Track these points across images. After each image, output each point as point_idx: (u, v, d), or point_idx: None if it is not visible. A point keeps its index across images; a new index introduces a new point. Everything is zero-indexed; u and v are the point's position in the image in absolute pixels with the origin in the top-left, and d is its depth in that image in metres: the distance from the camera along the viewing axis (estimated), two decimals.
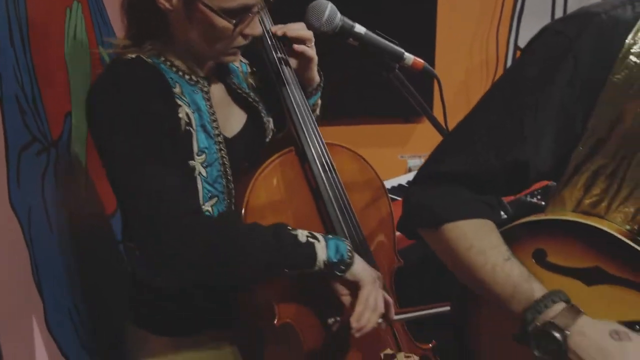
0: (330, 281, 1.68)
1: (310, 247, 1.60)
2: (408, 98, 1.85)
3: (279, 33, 1.82)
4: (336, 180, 1.79)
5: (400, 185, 2.94)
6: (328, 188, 1.77)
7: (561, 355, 1.18)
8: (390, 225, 1.95)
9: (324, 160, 1.78)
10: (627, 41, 1.21)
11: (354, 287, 1.67)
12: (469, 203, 1.33)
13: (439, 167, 1.37)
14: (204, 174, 1.65)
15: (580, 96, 1.23)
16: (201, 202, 1.65)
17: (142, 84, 1.56)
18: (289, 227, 1.61)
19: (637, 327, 1.20)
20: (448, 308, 1.64)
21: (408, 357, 1.84)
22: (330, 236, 1.65)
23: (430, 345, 1.99)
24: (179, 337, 1.78)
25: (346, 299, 1.68)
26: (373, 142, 2.00)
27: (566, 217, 1.30)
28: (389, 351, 1.87)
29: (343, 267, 1.64)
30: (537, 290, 1.22)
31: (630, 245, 1.21)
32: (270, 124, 1.88)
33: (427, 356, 1.96)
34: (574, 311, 1.19)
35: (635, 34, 1.21)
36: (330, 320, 1.73)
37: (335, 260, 1.62)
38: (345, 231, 1.78)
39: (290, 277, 1.62)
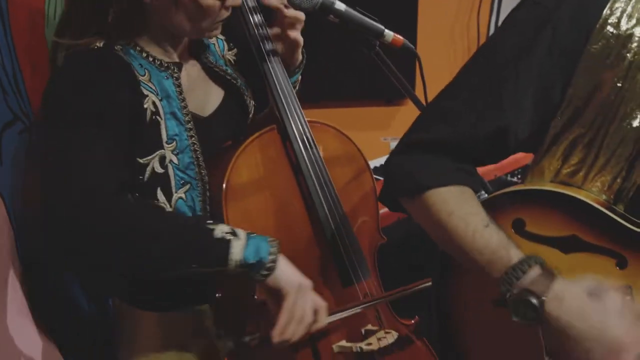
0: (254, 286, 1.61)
1: (223, 245, 1.51)
2: (390, 77, 1.87)
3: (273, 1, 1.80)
4: (317, 156, 1.81)
5: (382, 166, 2.95)
6: (308, 164, 1.78)
7: (540, 320, 1.20)
8: (373, 201, 1.97)
9: (305, 136, 1.79)
10: (604, 12, 1.24)
11: (278, 296, 1.59)
12: (450, 171, 1.34)
13: (420, 135, 1.38)
14: (175, 161, 1.66)
15: (558, 66, 1.26)
16: (173, 190, 1.65)
17: (101, 76, 1.55)
18: (209, 222, 1.55)
19: None
20: (430, 284, 1.65)
21: (388, 332, 1.86)
22: (254, 235, 1.56)
23: (413, 321, 2.01)
24: (166, 312, 1.79)
25: (271, 307, 1.60)
26: (355, 125, 2.01)
27: (544, 187, 1.32)
28: (370, 327, 1.89)
29: (264, 272, 1.55)
30: (514, 256, 1.23)
31: (606, 214, 1.24)
32: (250, 100, 1.89)
33: (407, 334, 1.97)
34: (549, 276, 1.20)
35: (612, 4, 1.23)
36: (247, 339, 1.64)
37: (252, 262, 1.53)
38: (325, 207, 1.79)
39: (209, 274, 1.56)
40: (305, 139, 1.79)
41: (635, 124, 1.22)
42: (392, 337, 1.85)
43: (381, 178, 1.54)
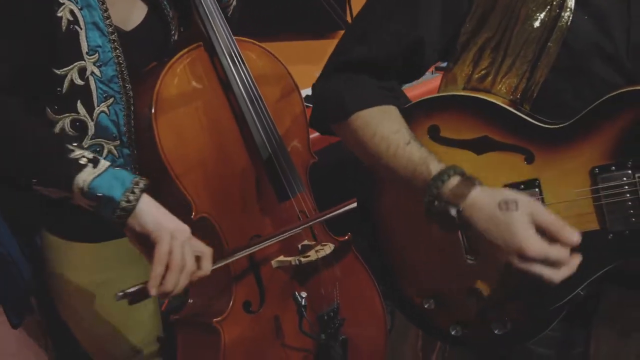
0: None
1: (73, 166, 1.42)
2: (325, 5, 1.87)
3: None
4: (246, 73, 1.80)
5: None
6: (238, 81, 1.78)
7: (459, 227, 1.25)
8: (303, 120, 1.99)
9: (233, 53, 1.78)
10: None
11: (148, 241, 1.46)
12: (373, 91, 1.37)
13: (341, 58, 1.40)
14: (98, 73, 1.62)
15: None
16: (95, 103, 1.63)
17: None
18: (75, 144, 1.48)
19: (522, 186, 1.28)
20: (355, 204, 1.66)
21: (324, 245, 1.90)
22: (120, 171, 1.47)
23: (347, 237, 2.06)
24: (96, 242, 1.77)
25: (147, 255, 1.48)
26: (288, 59, 1.99)
27: (456, 93, 1.36)
28: (306, 242, 1.93)
29: (118, 212, 1.43)
30: (434, 169, 1.26)
31: (514, 113, 1.29)
32: (173, 16, 1.85)
33: (343, 247, 2.02)
34: (467, 184, 1.24)
35: None
36: (119, 294, 1.48)
37: (98, 194, 1.41)
38: (257, 123, 1.80)
39: (52, 194, 1.48)
40: (234, 55, 1.78)
41: (536, 24, 1.26)
42: (330, 248, 1.89)
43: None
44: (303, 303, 1.80)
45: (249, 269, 1.85)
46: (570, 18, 1.23)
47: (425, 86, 2.72)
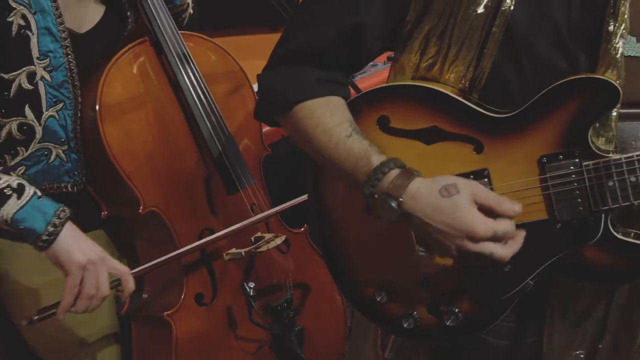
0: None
1: None
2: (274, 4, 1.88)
3: None
4: (193, 68, 1.80)
5: None
6: (185, 76, 1.78)
7: (401, 219, 1.23)
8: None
9: (179, 48, 1.78)
10: None
11: (62, 271, 1.54)
12: (316, 82, 1.34)
13: (285, 48, 1.38)
14: (48, 78, 1.61)
15: None
16: (44, 108, 1.62)
17: None
18: (1, 169, 1.51)
19: (471, 176, 1.27)
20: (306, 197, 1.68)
21: (276, 236, 1.91)
22: (44, 201, 1.51)
23: (302, 229, 2.07)
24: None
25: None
26: (240, 54, 1.99)
27: (405, 82, 1.35)
28: (259, 234, 1.93)
29: (40, 243, 1.50)
30: (375, 161, 1.24)
31: (462, 102, 1.27)
32: (131, 15, 1.85)
33: (296, 238, 2.04)
34: (406, 176, 1.22)
35: None
36: (23, 322, 1.60)
37: (21, 227, 1.47)
38: (205, 117, 1.80)
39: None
40: (180, 51, 1.78)
41: (479, 10, 1.24)
42: (281, 239, 1.89)
43: None
44: (251, 293, 1.81)
45: (201, 262, 1.85)
46: (513, 2, 1.23)
47: (379, 76, 2.71)
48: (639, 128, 1.26)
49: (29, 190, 1.50)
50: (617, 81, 1.19)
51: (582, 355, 1.37)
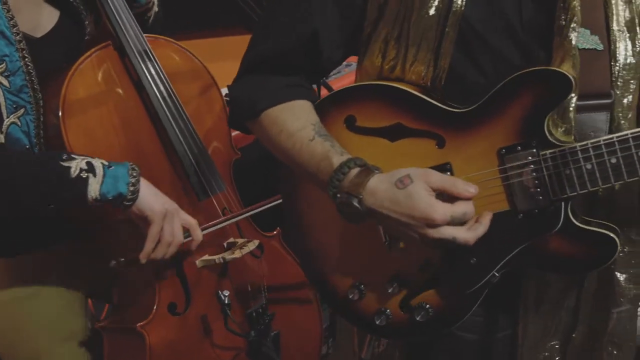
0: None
1: (79, 183, 1.54)
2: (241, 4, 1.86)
3: None
4: (159, 71, 1.77)
5: None
6: (150, 80, 1.75)
7: (364, 215, 1.26)
8: (224, 117, 1.96)
9: (143, 51, 1.75)
10: None
11: (145, 222, 1.66)
12: (279, 88, 1.38)
13: (248, 57, 1.42)
14: (6, 84, 1.58)
15: None
16: (4, 115, 1.58)
17: None
18: (64, 157, 1.56)
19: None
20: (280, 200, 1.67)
21: (250, 241, 1.88)
22: (112, 167, 1.59)
23: (275, 232, 2.05)
24: (11, 256, 1.73)
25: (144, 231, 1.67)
26: (215, 57, 1.97)
27: (370, 82, 1.37)
28: (232, 239, 1.92)
29: (126, 203, 1.61)
30: (336, 162, 1.28)
31: (424, 99, 1.30)
32: (89, 21, 1.80)
33: (270, 242, 2.02)
34: (365, 173, 1.25)
35: None
36: (112, 263, 1.72)
37: (110, 197, 1.58)
38: (172, 122, 1.77)
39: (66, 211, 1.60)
40: (144, 54, 1.75)
41: (431, 12, 1.27)
42: (254, 244, 1.87)
43: None
44: (226, 301, 1.79)
45: (173, 270, 1.82)
46: (464, 2, 1.25)
47: (353, 76, 2.71)
48: (597, 119, 1.28)
49: (97, 163, 1.58)
50: (573, 73, 1.20)
51: (557, 346, 1.38)
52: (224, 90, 1.95)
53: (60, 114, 1.63)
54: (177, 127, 1.78)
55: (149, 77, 1.75)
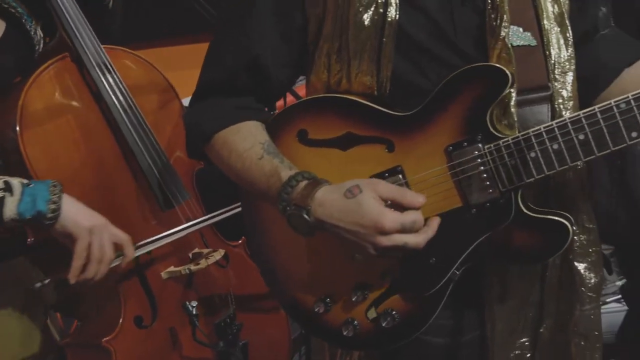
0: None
1: None
2: (198, 8, 1.85)
3: None
4: (118, 82, 1.75)
5: None
6: (110, 91, 1.73)
7: (314, 227, 1.27)
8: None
9: (101, 62, 1.73)
10: None
11: (71, 240, 1.59)
12: (227, 111, 1.39)
13: (199, 83, 1.44)
14: None
15: None
16: None
17: None
18: None
19: (386, 175, 1.31)
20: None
21: (215, 251, 1.87)
22: (32, 185, 1.53)
23: (240, 241, 2.04)
24: None
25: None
26: (182, 64, 1.95)
27: (318, 96, 1.39)
28: (197, 250, 1.90)
29: (47, 221, 1.54)
30: (284, 176, 1.29)
31: (372, 106, 1.31)
32: (37, 31, 1.77)
33: (235, 252, 2.01)
34: (313, 185, 1.26)
35: None
36: (37, 285, 1.65)
37: (28, 216, 1.52)
38: (134, 134, 1.76)
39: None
40: (103, 65, 1.73)
41: (366, 23, 1.29)
42: (220, 254, 1.86)
43: None
44: (194, 312, 1.77)
45: (138, 283, 1.80)
46: (397, 12, 1.28)
47: None
48: (539, 112, 1.32)
49: (15, 182, 1.52)
50: (510, 69, 1.23)
51: (526, 343, 1.40)
52: (186, 100, 1.95)
53: (17, 128, 1.61)
54: (138, 138, 1.77)
55: (108, 88, 1.73)
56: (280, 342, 2.10)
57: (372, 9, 1.28)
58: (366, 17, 1.29)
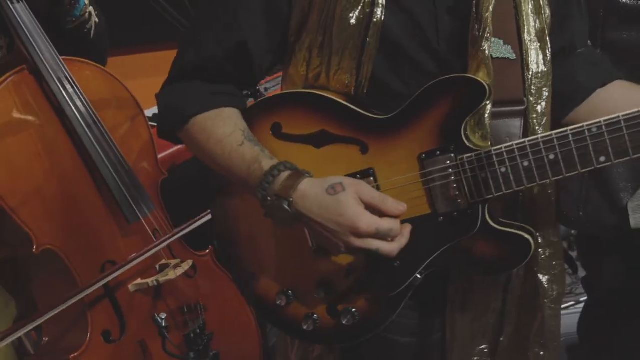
0: None
1: None
2: (165, 15, 1.83)
3: None
4: (79, 95, 1.73)
5: None
6: (70, 104, 1.71)
7: (294, 219, 1.26)
8: (147, 136, 1.93)
9: (61, 75, 1.70)
10: None
11: None
12: (207, 95, 1.37)
13: (177, 65, 1.40)
14: None
15: None
16: None
17: None
18: None
19: (358, 176, 1.31)
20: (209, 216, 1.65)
21: (183, 262, 1.86)
22: None
23: (207, 251, 2.03)
24: None
25: None
26: (158, 71, 1.92)
27: (295, 90, 1.38)
28: (164, 261, 1.88)
29: None
30: (266, 165, 1.28)
31: (348, 106, 1.31)
32: (2, 44, 1.74)
33: (203, 261, 2.00)
34: (296, 177, 1.25)
35: None
36: None
37: None
38: (97, 147, 1.73)
39: None
40: (63, 77, 1.70)
41: (352, 22, 1.29)
42: (188, 264, 1.85)
43: None
44: (163, 324, 1.75)
45: (105, 297, 1.77)
46: (384, 13, 1.28)
47: None
48: (511, 125, 1.32)
49: None
50: (487, 81, 1.24)
51: (485, 350, 1.42)
52: (150, 111, 1.93)
53: None
54: (102, 151, 1.74)
55: (69, 101, 1.70)
56: (252, 351, 2.09)
57: (359, 7, 1.28)
58: (352, 15, 1.28)
